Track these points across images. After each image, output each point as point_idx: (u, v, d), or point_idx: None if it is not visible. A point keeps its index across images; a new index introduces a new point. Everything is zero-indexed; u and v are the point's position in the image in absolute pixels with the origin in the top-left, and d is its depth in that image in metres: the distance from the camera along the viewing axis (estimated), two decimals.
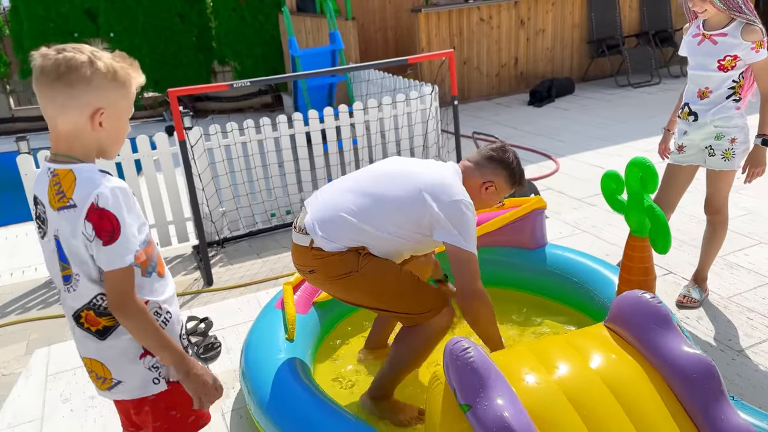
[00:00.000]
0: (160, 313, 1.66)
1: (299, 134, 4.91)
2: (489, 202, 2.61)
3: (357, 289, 2.42)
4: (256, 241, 4.79)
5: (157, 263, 1.67)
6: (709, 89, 3.00)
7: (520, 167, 2.60)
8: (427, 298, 2.45)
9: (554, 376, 1.95)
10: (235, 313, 3.63)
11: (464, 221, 2.37)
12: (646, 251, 2.68)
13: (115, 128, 1.58)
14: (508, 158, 2.56)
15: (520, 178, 2.60)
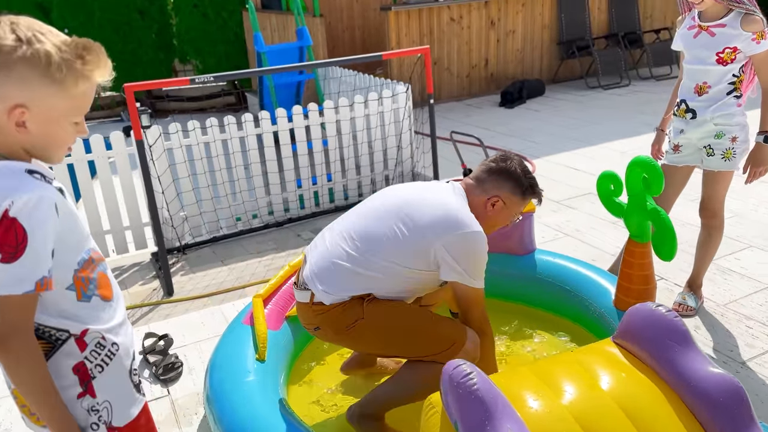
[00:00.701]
0: (104, 345, 1.36)
1: (266, 134, 4.63)
2: (499, 220, 2.33)
3: (367, 337, 2.21)
4: (221, 247, 4.49)
5: (98, 285, 1.37)
6: (707, 84, 2.82)
7: (528, 174, 2.32)
8: (443, 335, 2.21)
9: (564, 400, 1.73)
10: (197, 328, 3.34)
11: (470, 256, 2.15)
12: (646, 258, 2.49)
13: (45, 134, 1.26)
14: (511, 166, 2.29)
15: (530, 186, 2.31)
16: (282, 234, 4.67)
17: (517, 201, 2.30)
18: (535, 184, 2.32)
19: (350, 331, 2.17)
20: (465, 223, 2.14)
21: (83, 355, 1.34)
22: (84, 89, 1.27)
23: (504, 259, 3.00)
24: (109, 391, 1.38)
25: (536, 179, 2.35)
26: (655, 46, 9.17)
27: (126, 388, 1.43)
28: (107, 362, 1.36)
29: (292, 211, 4.91)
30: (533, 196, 2.33)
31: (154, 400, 2.74)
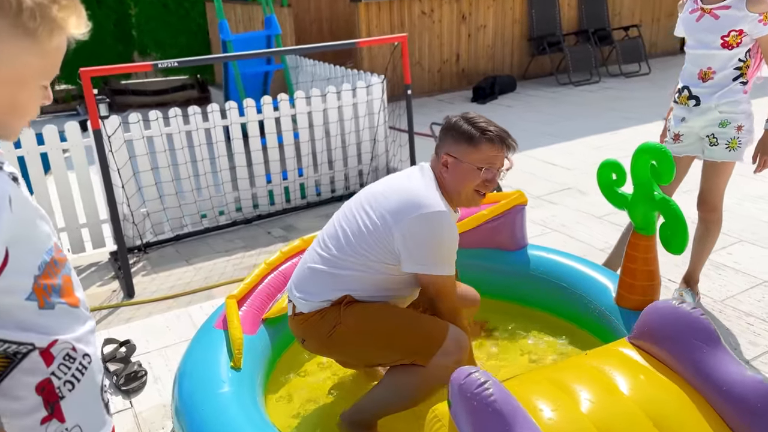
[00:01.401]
0: (74, 357, 1.10)
1: (234, 125, 4.36)
2: (461, 180, 2.04)
3: (347, 344, 2.07)
4: (185, 245, 4.22)
5: (63, 292, 1.11)
6: (712, 70, 2.66)
7: (472, 120, 2.05)
8: (421, 334, 2.03)
9: (584, 409, 1.55)
10: (162, 332, 3.07)
11: (429, 240, 1.96)
12: (651, 252, 2.33)
13: (9, 99, 1.01)
14: (451, 120, 2.09)
15: (482, 131, 2.02)
16: (251, 231, 4.42)
17: (469, 150, 2.02)
18: (488, 129, 2.03)
19: (331, 339, 2.06)
20: (422, 203, 1.96)
21: (50, 370, 1.07)
22: (58, 43, 1.02)
23: (495, 255, 2.81)
24: (80, 413, 1.12)
25: (490, 123, 2.06)
26: (625, 44, 9.14)
27: (97, 409, 1.17)
28: (78, 378, 1.11)
29: (261, 208, 4.65)
30: (488, 144, 2.02)
31: (115, 413, 2.48)
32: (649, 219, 2.28)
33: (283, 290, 2.52)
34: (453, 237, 2.01)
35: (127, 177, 3.98)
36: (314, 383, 2.45)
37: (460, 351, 2.00)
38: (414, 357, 2.01)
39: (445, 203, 2.01)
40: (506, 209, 2.76)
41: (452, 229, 2.01)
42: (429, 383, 2.02)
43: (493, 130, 2.04)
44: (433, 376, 1.99)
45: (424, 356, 1.99)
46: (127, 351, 2.78)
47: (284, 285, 2.53)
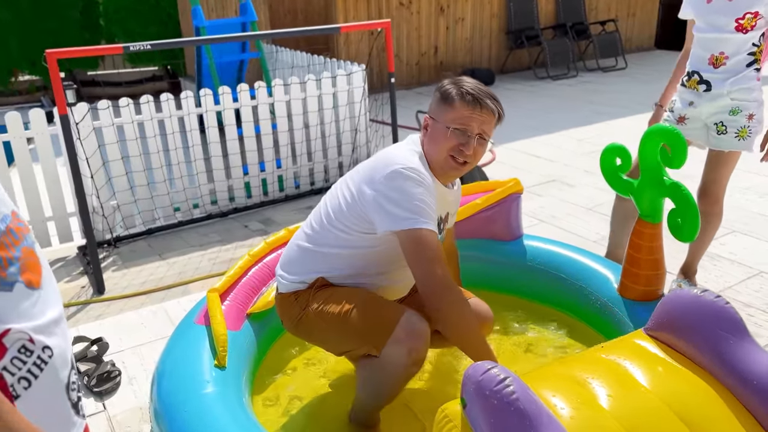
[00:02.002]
0: (31, 350, 0.92)
1: (209, 113, 4.17)
2: (439, 142, 1.87)
3: (312, 328, 1.95)
4: (157, 239, 4.02)
5: (23, 267, 0.95)
6: (724, 55, 2.50)
7: (460, 82, 1.89)
8: (372, 320, 1.84)
9: (607, 405, 1.42)
10: (137, 329, 2.88)
11: (401, 192, 1.80)
12: (656, 240, 2.22)
13: None
14: (439, 83, 1.96)
15: (458, 90, 1.86)
16: (227, 225, 4.24)
17: (444, 109, 1.87)
18: (465, 87, 1.86)
19: (300, 323, 1.96)
20: (393, 162, 1.84)
21: (1, 364, 0.91)
22: None
23: (489, 245, 2.69)
24: (40, 414, 0.95)
25: (476, 86, 1.88)
26: (602, 38, 9.12)
27: (62, 409, 1.00)
28: (36, 374, 0.94)
29: (238, 200, 4.47)
30: (458, 97, 1.85)
31: (87, 417, 2.29)
32: (657, 206, 2.17)
33: (268, 283, 2.36)
34: (424, 190, 1.82)
35: (96, 167, 3.77)
36: (303, 381, 2.29)
37: (411, 339, 1.78)
38: (366, 346, 1.85)
39: (425, 168, 1.87)
40: (501, 198, 2.64)
41: (424, 183, 1.82)
42: (386, 377, 1.83)
43: (471, 90, 1.86)
44: (386, 369, 1.81)
45: (375, 345, 1.81)
46: (98, 350, 2.59)
47: (270, 277, 2.37)
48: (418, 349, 1.80)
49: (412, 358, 1.80)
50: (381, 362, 1.83)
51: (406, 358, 1.79)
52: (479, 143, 1.88)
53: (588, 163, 5.01)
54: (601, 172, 2.31)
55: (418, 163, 1.86)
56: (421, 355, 1.82)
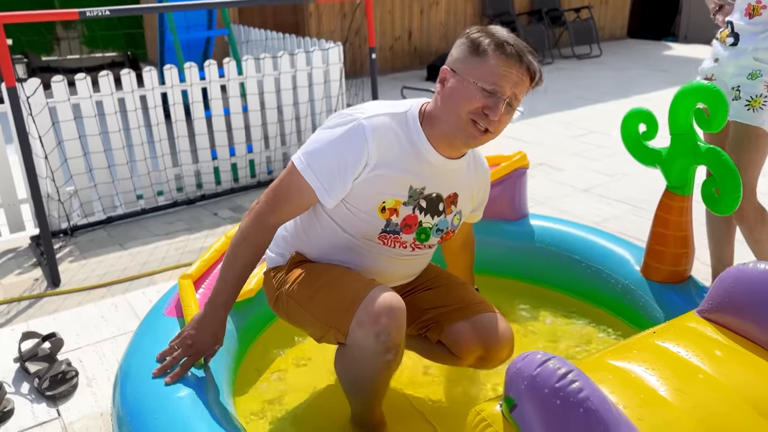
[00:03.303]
0: None
1: (175, 88, 3.83)
2: (455, 105, 1.54)
3: (287, 309, 1.71)
4: (118, 228, 3.68)
5: None
6: (762, 4, 2.11)
7: (494, 32, 1.55)
8: (337, 300, 1.58)
9: (676, 401, 1.18)
10: (96, 324, 2.56)
11: (319, 130, 1.62)
12: (686, 214, 2.00)
13: None
14: (467, 31, 1.60)
15: (496, 42, 1.51)
16: (194, 213, 3.91)
17: (474, 62, 1.52)
18: (502, 38, 1.52)
19: (277, 303, 1.74)
20: (351, 110, 1.62)
21: None
22: None
23: (494, 226, 2.43)
24: None
25: (514, 38, 1.55)
26: (577, 25, 8.98)
27: None
28: None
29: (206, 187, 4.14)
30: (497, 49, 1.50)
31: (37, 426, 1.97)
32: (688, 176, 1.94)
33: None
34: (343, 145, 1.56)
35: (50, 147, 3.41)
36: (294, 379, 2.01)
37: (377, 320, 1.49)
38: (332, 331, 1.59)
39: (403, 126, 1.61)
40: (507, 173, 2.39)
41: (354, 139, 1.55)
42: (360, 370, 1.57)
43: (511, 41, 1.52)
44: (357, 359, 1.55)
45: (339, 330, 1.56)
46: (51, 347, 2.26)
47: None
48: (387, 331, 1.50)
49: (382, 343, 1.49)
50: (349, 351, 1.56)
51: (374, 343, 1.50)
52: (507, 110, 1.55)
53: (576, 146, 4.82)
54: (622, 140, 2.07)
55: (386, 120, 1.58)
56: (393, 339, 1.51)
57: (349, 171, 1.56)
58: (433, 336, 1.80)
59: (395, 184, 1.61)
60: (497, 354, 1.76)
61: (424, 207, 1.67)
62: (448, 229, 1.75)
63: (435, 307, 1.80)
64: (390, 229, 1.66)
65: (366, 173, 1.57)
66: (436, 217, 1.70)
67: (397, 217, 1.64)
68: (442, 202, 1.70)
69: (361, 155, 1.55)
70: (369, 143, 1.55)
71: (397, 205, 1.63)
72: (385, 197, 1.62)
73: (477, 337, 1.73)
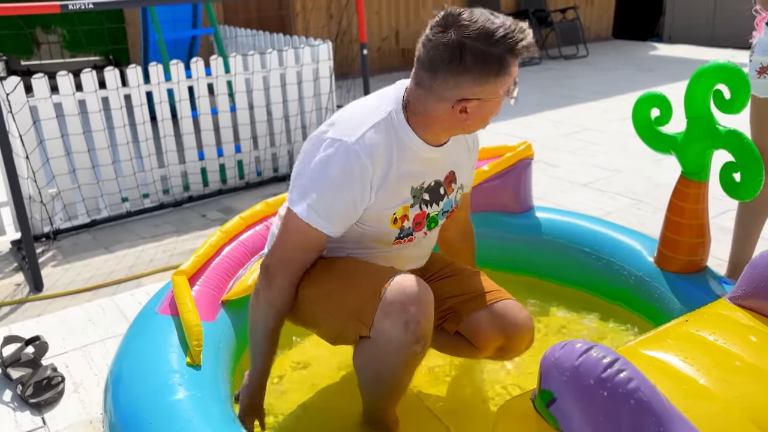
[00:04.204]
0: None
1: (161, 86, 3.71)
2: (481, 124, 1.50)
3: (300, 307, 1.59)
4: (103, 232, 3.55)
5: None
6: None
7: (492, 30, 1.34)
8: (357, 291, 1.48)
9: (722, 392, 1.09)
10: (83, 326, 2.43)
11: (304, 162, 1.50)
12: (702, 201, 1.92)
13: None
14: (458, 38, 1.35)
15: (509, 47, 1.35)
16: (182, 215, 3.79)
17: (498, 81, 1.39)
18: (511, 36, 1.35)
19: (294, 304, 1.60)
20: (334, 124, 1.50)
21: None
22: None
23: (498, 219, 2.34)
24: None
25: (503, 21, 1.37)
26: (563, 25, 8.97)
27: None
28: None
29: (193, 188, 4.02)
30: (507, 52, 1.35)
31: None
32: (705, 160, 1.87)
33: (245, 265, 1.96)
34: (345, 182, 1.44)
35: (31, 146, 3.28)
36: (291, 380, 1.90)
37: (405, 308, 1.40)
38: (353, 324, 1.48)
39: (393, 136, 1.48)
40: (511, 164, 2.30)
41: (354, 171, 1.43)
42: (385, 363, 1.46)
43: (516, 34, 1.36)
44: (382, 351, 1.44)
45: (362, 321, 1.45)
46: (35, 352, 2.13)
47: (246, 258, 1.97)
48: (417, 319, 1.41)
49: (411, 333, 1.40)
50: (374, 343, 1.45)
51: (402, 333, 1.40)
52: None
53: (569, 143, 4.76)
54: (633, 125, 1.99)
55: (369, 134, 1.45)
56: (423, 328, 1.42)
57: (359, 205, 1.48)
58: (451, 327, 1.70)
59: (399, 194, 1.53)
60: (518, 343, 1.67)
61: (428, 199, 1.60)
62: (453, 207, 1.69)
63: (452, 296, 1.71)
64: (403, 234, 1.60)
65: (374, 195, 1.49)
66: (441, 203, 1.64)
67: (408, 221, 1.58)
68: (441, 186, 1.63)
69: (365, 186, 1.46)
70: (369, 170, 1.44)
71: (406, 211, 1.56)
72: (393, 210, 1.54)
73: (497, 326, 1.64)
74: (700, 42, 9.97)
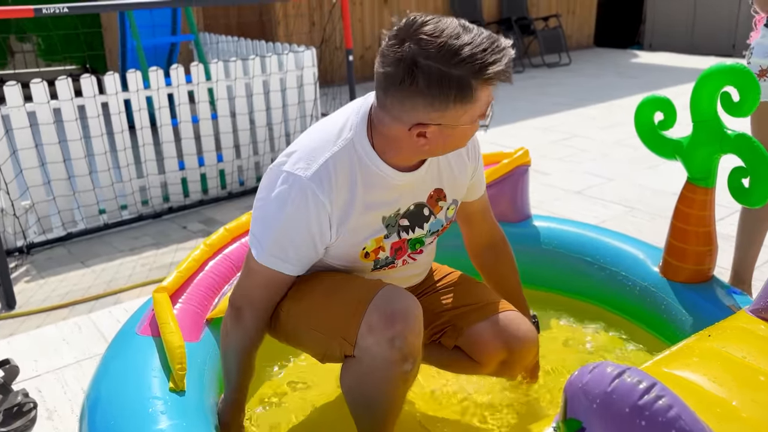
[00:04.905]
0: None
1: (139, 93, 3.58)
2: (447, 149, 1.33)
3: (284, 323, 1.49)
4: (79, 245, 3.41)
5: None
6: None
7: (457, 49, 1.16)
8: (341, 306, 1.37)
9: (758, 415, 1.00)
10: (57, 348, 2.29)
11: (259, 200, 1.40)
12: (708, 208, 1.84)
13: None
14: (413, 55, 1.17)
15: (479, 68, 1.17)
16: (162, 227, 3.66)
17: (465, 107, 1.21)
18: (481, 59, 1.16)
19: (274, 322, 1.51)
20: (290, 154, 1.37)
21: None
22: None
23: None
24: None
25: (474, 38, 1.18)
26: (546, 33, 8.97)
27: None
28: None
29: (173, 199, 3.89)
30: (486, 80, 1.19)
31: None
32: (712, 165, 1.79)
33: (231, 280, 1.84)
34: (300, 221, 1.33)
35: (3, 157, 3.14)
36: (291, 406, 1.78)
37: (391, 323, 1.29)
38: (337, 341, 1.37)
39: (354, 163, 1.34)
40: (508, 171, 2.21)
41: (309, 208, 1.31)
42: (372, 384, 1.35)
43: (487, 55, 1.17)
44: (368, 371, 1.33)
45: (346, 338, 1.34)
46: (5, 376, 1.99)
47: (232, 273, 1.85)
48: (404, 335, 1.29)
49: (397, 350, 1.29)
50: (359, 363, 1.34)
51: (388, 351, 1.29)
52: None
53: (559, 150, 4.70)
54: (636, 130, 1.91)
55: (331, 162, 1.32)
56: (410, 345, 1.30)
57: (318, 244, 1.37)
58: (449, 341, 1.60)
59: (367, 227, 1.40)
60: (521, 357, 1.57)
61: (407, 225, 1.46)
62: (444, 226, 1.56)
63: (450, 308, 1.61)
64: (380, 265, 1.48)
65: (335, 233, 1.37)
66: (425, 225, 1.50)
67: (383, 252, 1.45)
68: (424, 207, 1.48)
69: (323, 224, 1.34)
70: (326, 207, 1.32)
71: (379, 243, 1.43)
72: (363, 244, 1.42)
73: (499, 339, 1.54)
74: (680, 50, 10.03)
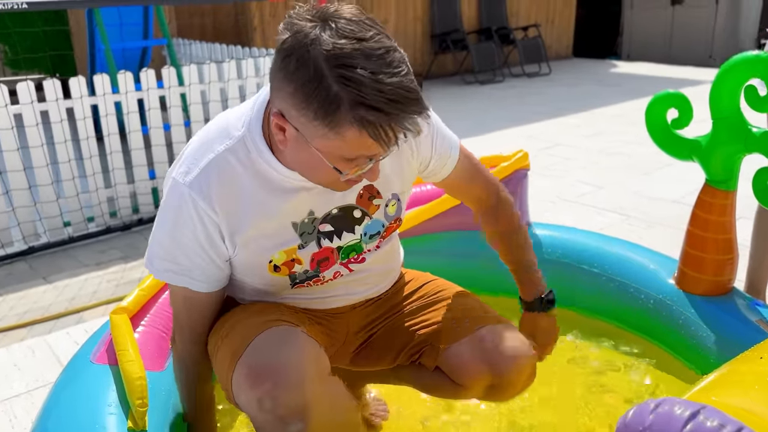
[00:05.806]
0: None
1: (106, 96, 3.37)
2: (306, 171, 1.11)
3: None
4: (42, 259, 3.17)
5: None
6: None
7: (352, 65, 0.97)
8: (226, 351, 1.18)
9: None
10: (7, 374, 2.06)
11: (158, 218, 1.20)
12: (729, 213, 1.69)
13: None
14: (303, 36, 0.98)
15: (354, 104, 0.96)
16: (130, 239, 3.44)
17: (321, 130, 0.99)
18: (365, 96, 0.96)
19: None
20: (182, 157, 1.19)
21: None
22: None
23: None
24: None
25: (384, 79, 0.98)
26: (525, 43, 8.91)
27: None
28: None
29: (143, 210, 3.66)
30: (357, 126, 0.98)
31: None
32: (734, 166, 1.64)
33: None
34: (184, 229, 1.15)
35: None
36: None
37: (255, 383, 1.10)
38: (227, 395, 1.20)
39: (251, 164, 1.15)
40: (507, 175, 2.05)
41: (191, 215, 1.14)
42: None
43: (385, 103, 0.97)
44: (258, 428, 1.13)
45: (229, 393, 1.18)
46: None
47: None
48: (273, 395, 1.08)
49: (267, 412, 1.08)
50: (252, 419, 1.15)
51: (258, 412, 1.09)
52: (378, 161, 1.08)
53: (544, 158, 4.57)
54: (647, 129, 1.76)
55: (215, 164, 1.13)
56: (283, 405, 1.08)
57: (213, 254, 1.17)
58: (429, 362, 1.37)
59: (273, 236, 1.19)
60: (511, 379, 1.30)
61: (330, 231, 1.24)
62: (387, 225, 1.31)
63: (427, 325, 1.38)
64: (299, 280, 1.25)
65: (229, 243, 1.17)
66: (356, 228, 1.26)
67: (300, 265, 1.23)
68: (354, 209, 1.25)
69: (211, 231, 1.15)
70: (211, 216, 1.13)
71: (292, 254, 1.21)
72: (267, 256, 1.20)
73: (482, 359, 1.29)
74: (658, 60, 10.05)
